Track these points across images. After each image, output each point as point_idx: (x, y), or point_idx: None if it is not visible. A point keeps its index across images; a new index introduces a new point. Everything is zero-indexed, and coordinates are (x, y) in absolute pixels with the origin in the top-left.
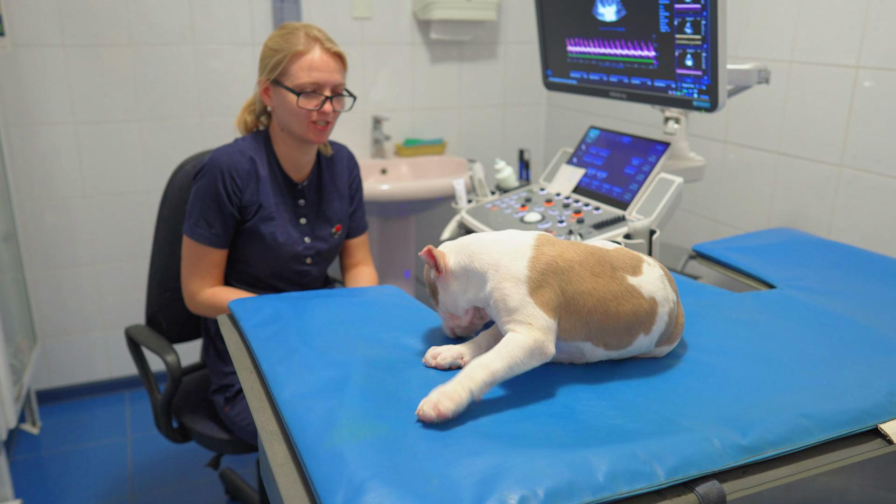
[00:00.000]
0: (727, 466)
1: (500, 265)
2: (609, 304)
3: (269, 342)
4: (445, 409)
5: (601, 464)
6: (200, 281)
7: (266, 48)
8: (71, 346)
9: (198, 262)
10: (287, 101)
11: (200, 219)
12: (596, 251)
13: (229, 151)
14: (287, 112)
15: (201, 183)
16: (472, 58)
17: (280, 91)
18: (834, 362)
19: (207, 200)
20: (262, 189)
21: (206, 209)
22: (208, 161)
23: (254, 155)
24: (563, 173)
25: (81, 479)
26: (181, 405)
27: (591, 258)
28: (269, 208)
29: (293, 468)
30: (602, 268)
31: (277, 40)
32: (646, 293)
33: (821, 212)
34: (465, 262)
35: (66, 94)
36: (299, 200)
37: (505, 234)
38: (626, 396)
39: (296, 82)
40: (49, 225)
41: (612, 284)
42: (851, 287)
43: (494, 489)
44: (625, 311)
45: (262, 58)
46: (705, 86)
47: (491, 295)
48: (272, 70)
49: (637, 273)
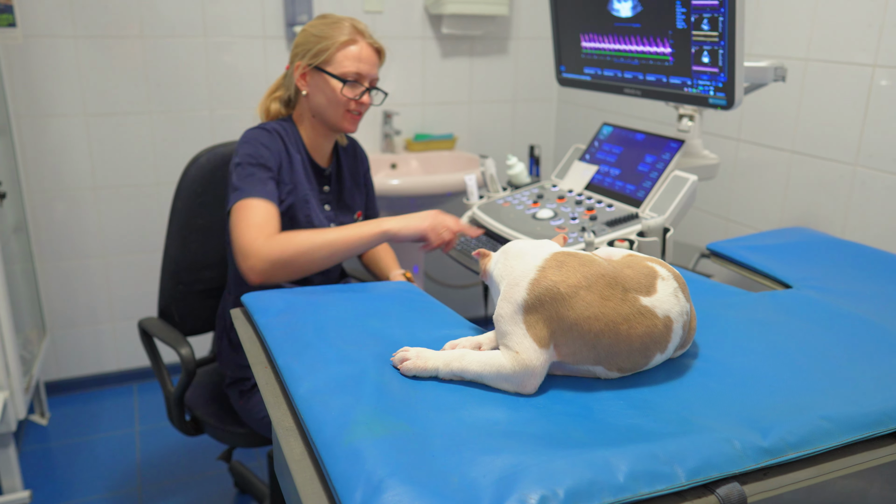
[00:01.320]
0: (748, 468)
1: (508, 282)
2: (619, 327)
3: (283, 337)
4: (408, 369)
5: (621, 464)
6: (270, 234)
7: (307, 34)
8: (80, 337)
9: (268, 217)
10: (328, 88)
11: (254, 181)
12: (608, 272)
13: (260, 130)
14: (325, 98)
15: (241, 155)
16: (483, 53)
17: (321, 77)
18: (853, 364)
19: (252, 168)
20: (296, 170)
21: (254, 172)
22: (242, 139)
23: (284, 137)
24: (576, 170)
25: (90, 471)
26: (193, 398)
27: (600, 281)
28: (303, 192)
29: (310, 465)
30: (613, 290)
31: (322, 28)
32: (660, 313)
33: (834, 211)
34: (496, 273)
35: (76, 85)
36: (324, 187)
37: (534, 248)
38: (644, 396)
39: (341, 70)
40: (59, 216)
41: (623, 307)
42: (869, 288)
43: (514, 488)
44: (638, 333)
45: (302, 43)
46: (722, 83)
47: (495, 314)
48: (315, 56)
49: (651, 292)
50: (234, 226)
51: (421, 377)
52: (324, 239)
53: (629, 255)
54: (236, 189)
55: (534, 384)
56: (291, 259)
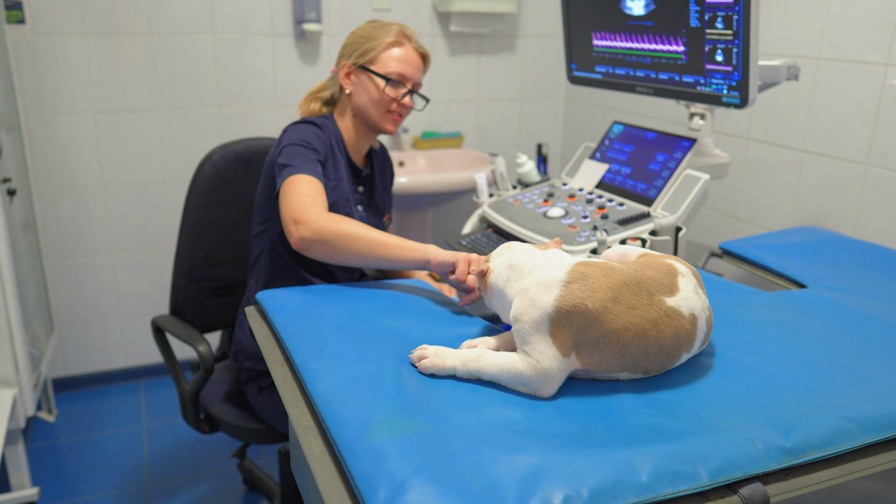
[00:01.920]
0: (771, 469)
1: (527, 295)
2: (648, 333)
3: (300, 335)
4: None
5: (644, 464)
6: (324, 207)
7: (355, 35)
8: (87, 334)
9: (319, 192)
10: (372, 87)
11: (305, 160)
12: (631, 278)
13: (307, 124)
14: (368, 97)
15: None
16: (490, 51)
17: (366, 76)
18: (871, 363)
19: (302, 148)
20: (339, 168)
21: (305, 153)
22: (288, 129)
23: (329, 132)
24: (586, 168)
25: (98, 468)
26: (207, 395)
27: (625, 290)
28: (345, 190)
29: (331, 464)
30: (638, 298)
31: (370, 29)
32: (686, 311)
33: (845, 211)
34: (502, 287)
35: (85, 82)
36: (359, 187)
37: (545, 259)
38: (662, 395)
39: (385, 70)
40: (67, 213)
41: (651, 311)
42: (883, 287)
43: (538, 488)
44: (667, 335)
45: (350, 44)
46: (735, 82)
47: (514, 321)
48: (361, 55)
49: (674, 291)
50: (285, 196)
51: (439, 376)
52: (370, 235)
53: (644, 253)
54: (287, 166)
55: (551, 390)
56: (335, 238)
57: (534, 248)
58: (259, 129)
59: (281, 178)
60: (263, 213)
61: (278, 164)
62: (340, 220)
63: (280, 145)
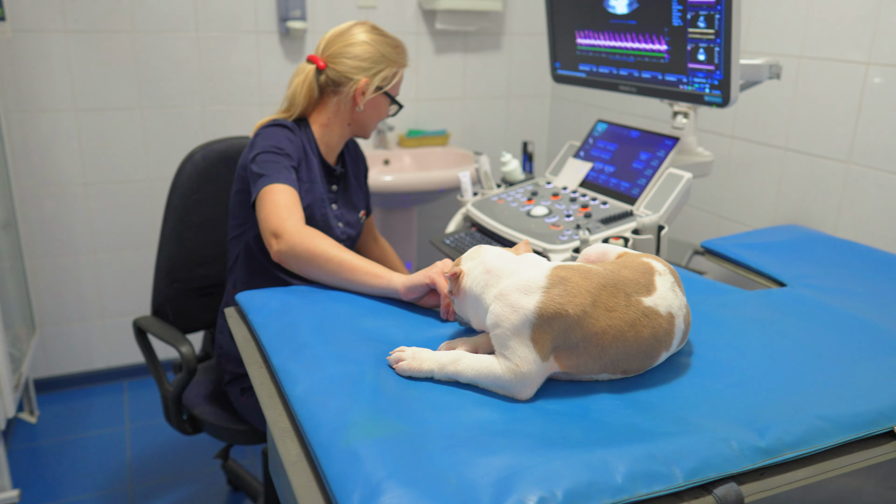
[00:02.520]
0: (745, 468)
1: (507, 300)
2: (627, 334)
3: (278, 336)
4: (403, 369)
5: (619, 465)
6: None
7: (376, 51)
8: (70, 334)
9: (294, 202)
10: (383, 107)
11: (278, 167)
12: (609, 281)
13: (278, 127)
14: (377, 115)
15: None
16: (476, 49)
17: (380, 97)
18: (848, 363)
19: (274, 156)
20: (312, 169)
21: (277, 160)
22: (259, 134)
23: (300, 135)
24: (570, 167)
25: (80, 469)
26: (190, 396)
27: (603, 293)
28: (320, 191)
29: (307, 466)
30: (616, 300)
31: (390, 50)
32: (663, 310)
33: (827, 209)
34: (479, 292)
35: (66, 80)
36: (333, 186)
37: (522, 263)
38: (641, 395)
39: (396, 91)
40: (49, 212)
41: (628, 313)
42: (862, 286)
43: (513, 490)
44: (645, 335)
45: (370, 58)
46: (717, 80)
47: (493, 326)
48: (385, 78)
49: (651, 291)
50: (262, 208)
51: (417, 378)
52: (340, 257)
53: (623, 253)
54: (261, 175)
55: (530, 393)
56: (307, 255)
57: (507, 252)
58: (244, 128)
59: (256, 188)
60: (238, 216)
61: (253, 173)
62: (316, 237)
63: (253, 151)
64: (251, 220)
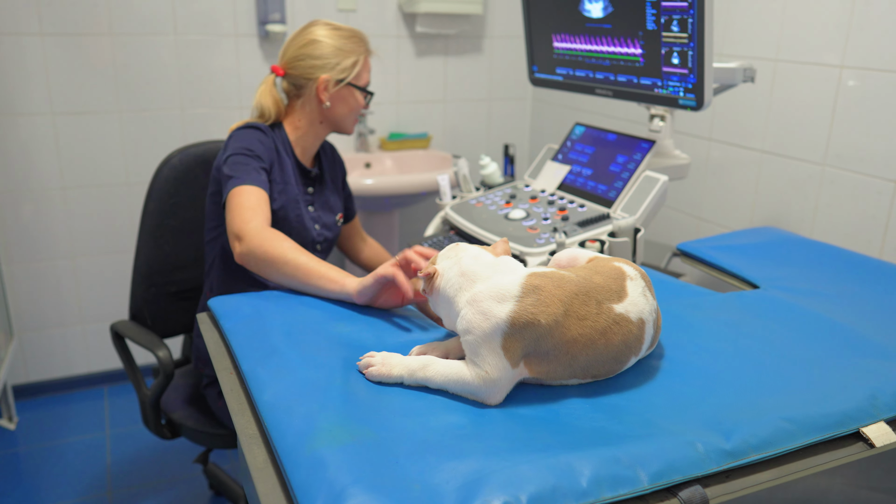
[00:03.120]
0: (710, 471)
1: (479, 307)
2: (597, 342)
3: (249, 342)
4: (372, 375)
5: (585, 469)
6: (264, 220)
7: (329, 47)
8: (49, 340)
9: (260, 203)
10: (353, 100)
11: (248, 169)
12: (581, 289)
13: (251, 129)
14: (348, 109)
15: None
16: (457, 52)
17: (349, 91)
18: (817, 364)
19: (244, 158)
20: (286, 171)
21: (247, 162)
22: (232, 136)
23: (274, 137)
24: (548, 170)
25: (59, 476)
26: (168, 401)
27: (575, 301)
28: (294, 192)
29: (272, 473)
30: (588, 308)
31: (345, 42)
32: (634, 316)
33: (804, 210)
34: (452, 295)
35: (43, 84)
36: (309, 188)
37: (497, 269)
38: (610, 398)
39: (364, 81)
40: (27, 217)
41: (599, 321)
42: (834, 288)
43: (477, 494)
44: (615, 342)
45: (324, 56)
46: (691, 84)
47: (464, 332)
48: (344, 71)
49: (622, 297)
50: (229, 210)
51: (386, 383)
52: (296, 261)
53: (593, 257)
54: (230, 178)
55: (499, 398)
56: (266, 258)
57: (484, 252)
58: (224, 131)
59: (226, 190)
60: (213, 218)
61: (224, 175)
62: (275, 240)
63: (225, 153)
64: (224, 222)
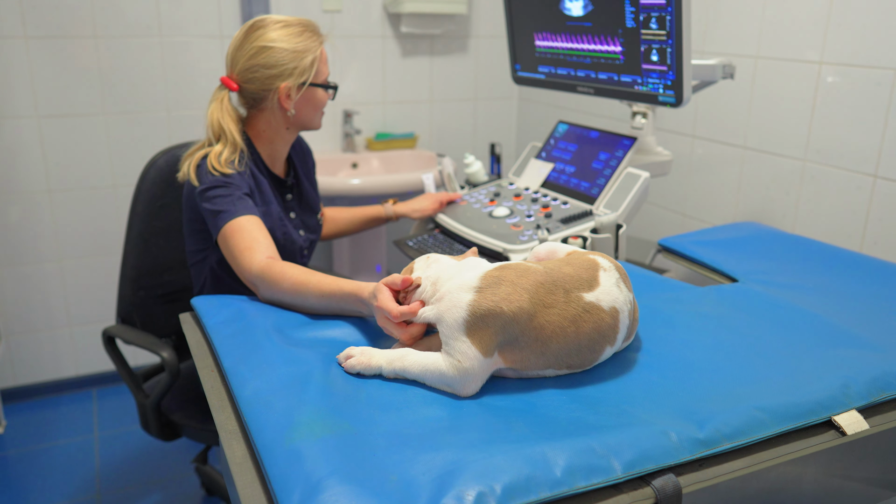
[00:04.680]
0: (683, 460)
1: (446, 300)
2: (567, 329)
3: (230, 340)
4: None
5: (559, 458)
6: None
7: (281, 52)
8: (36, 343)
9: (254, 234)
10: (316, 99)
11: (232, 199)
12: (547, 278)
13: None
14: (314, 108)
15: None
16: (443, 51)
17: (311, 91)
18: (791, 355)
19: (224, 189)
20: (264, 191)
21: (229, 192)
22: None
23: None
24: (532, 168)
25: (48, 479)
26: (165, 402)
27: (540, 290)
28: (276, 211)
29: (251, 467)
30: (554, 296)
31: (298, 41)
32: (606, 305)
33: (786, 206)
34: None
35: (28, 87)
36: (287, 196)
37: (464, 266)
38: (586, 390)
39: (323, 77)
40: (13, 220)
41: (568, 309)
42: (812, 281)
43: (452, 486)
44: (585, 330)
45: (278, 64)
46: (670, 81)
47: (437, 323)
48: (302, 73)
49: (593, 286)
50: (229, 253)
51: (366, 375)
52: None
53: (572, 251)
54: (217, 213)
55: (473, 389)
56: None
57: (451, 259)
58: None
59: (217, 228)
60: (196, 243)
61: (208, 211)
62: (285, 274)
63: (201, 186)
64: (209, 246)
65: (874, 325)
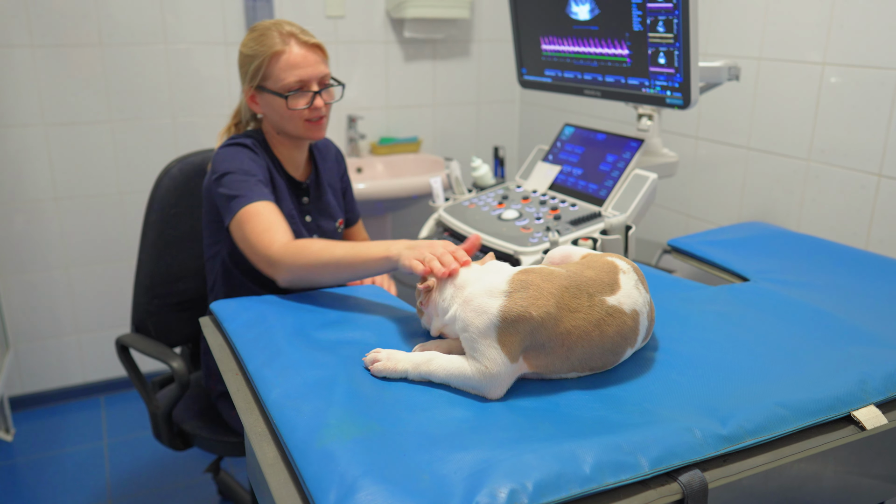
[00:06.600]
0: (708, 456)
1: (471, 305)
2: (591, 334)
3: (253, 344)
4: (378, 370)
5: (587, 456)
6: (284, 233)
7: (241, 55)
8: (44, 351)
9: (272, 218)
10: (276, 105)
11: (249, 185)
12: (571, 282)
13: (238, 147)
14: (279, 116)
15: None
16: (445, 56)
17: (267, 96)
18: (807, 352)
19: (242, 175)
20: (278, 187)
21: (246, 179)
22: (219, 156)
23: (262, 154)
24: (539, 170)
25: (58, 487)
26: (176, 411)
27: (566, 294)
28: (288, 208)
29: (283, 468)
30: (579, 301)
31: (251, 45)
32: (627, 308)
33: (790, 205)
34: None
35: (34, 95)
36: (303, 198)
37: (485, 272)
38: (609, 389)
39: (280, 84)
40: (20, 228)
41: (592, 313)
42: (822, 278)
43: (484, 483)
44: (610, 334)
45: (241, 65)
46: (678, 83)
47: (461, 330)
48: (254, 76)
49: (615, 290)
50: (243, 236)
51: (391, 378)
52: (334, 258)
53: (587, 254)
54: (233, 198)
55: (500, 393)
56: (307, 272)
57: (473, 264)
58: (216, 139)
59: (231, 212)
60: (210, 236)
61: (222, 196)
62: (305, 250)
63: (217, 173)
64: (223, 238)
65: (886, 322)
